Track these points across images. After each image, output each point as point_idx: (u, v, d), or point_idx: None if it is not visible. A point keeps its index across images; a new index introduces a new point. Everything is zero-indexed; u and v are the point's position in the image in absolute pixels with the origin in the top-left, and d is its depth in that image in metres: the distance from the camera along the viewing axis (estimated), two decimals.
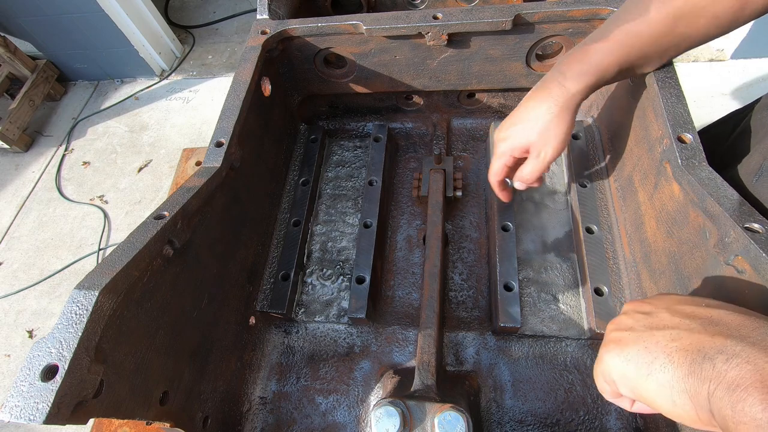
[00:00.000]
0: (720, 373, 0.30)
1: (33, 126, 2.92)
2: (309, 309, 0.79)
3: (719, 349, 0.31)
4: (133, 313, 0.47)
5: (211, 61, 3.04)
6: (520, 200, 0.85)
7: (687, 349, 0.34)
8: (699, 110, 0.67)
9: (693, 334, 0.34)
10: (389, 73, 0.86)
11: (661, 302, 0.41)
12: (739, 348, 0.31)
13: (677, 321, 0.37)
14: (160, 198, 2.50)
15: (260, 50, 0.76)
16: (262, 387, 0.75)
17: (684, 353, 0.34)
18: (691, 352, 0.33)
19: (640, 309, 0.41)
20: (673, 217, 0.58)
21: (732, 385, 0.29)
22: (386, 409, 0.51)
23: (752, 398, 0.28)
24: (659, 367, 0.35)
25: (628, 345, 0.38)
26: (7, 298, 2.30)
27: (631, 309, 0.43)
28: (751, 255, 0.42)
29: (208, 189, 0.60)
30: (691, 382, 0.32)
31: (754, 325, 0.32)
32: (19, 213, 2.61)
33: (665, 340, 0.36)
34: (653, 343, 0.36)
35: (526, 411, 0.68)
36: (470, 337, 0.73)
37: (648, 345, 0.36)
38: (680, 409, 0.33)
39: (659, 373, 0.34)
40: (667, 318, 0.38)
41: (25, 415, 0.36)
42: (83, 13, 2.58)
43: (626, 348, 0.38)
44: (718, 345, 0.32)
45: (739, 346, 0.31)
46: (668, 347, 0.35)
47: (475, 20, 0.73)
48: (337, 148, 0.99)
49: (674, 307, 0.39)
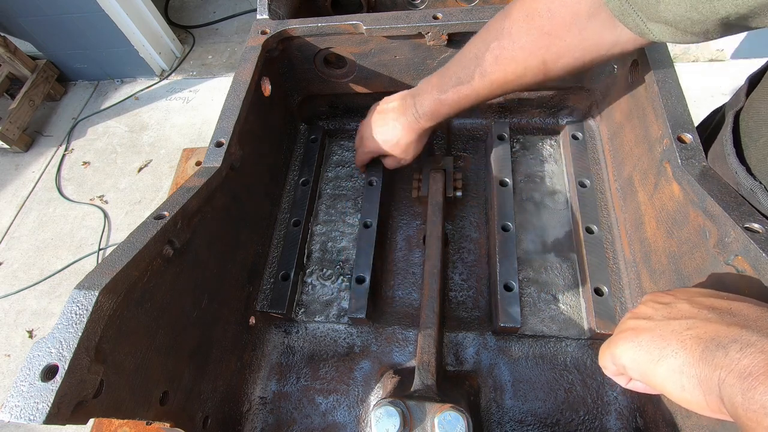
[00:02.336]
0: (732, 361, 0.30)
1: (33, 126, 2.92)
2: (309, 309, 0.79)
3: (734, 339, 0.32)
4: (133, 313, 0.47)
5: (211, 61, 3.04)
6: (520, 200, 0.85)
7: (701, 337, 0.34)
8: (699, 110, 0.68)
9: (709, 324, 0.34)
10: (389, 73, 0.86)
11: (682, 294, 0.41)
12: (755, 338, 0.31)
13: (695, 311, 0.37)
14: (160, 198, 2.50)
15: (260, 50, 0.76)
16: (262, 387, 0.75)
17: (697, 340, 0.34)
18: (705, 340, 0.33)
19: (660, 300, 0.42)
20: (673, 217, 0.58)
21: (744, 373, 0.29)
22: (386, 409, 0.51)
23: (764, 387, 0.28)
24: (671, 352, 0.35)
25: (643, 332, 0.38)
26: (7, 298, 2.30)
27: (650, 299, 0.43)
28: (751, 255, 0.43)
29: (208, 189, 0.60)
30: (702, 368, 0.32)
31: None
32: (19, 213, 2.62)
33: (681, 328, 0.36)
34: (669, 331, 0.36)
35: (526, 411, 0.68)
36: (470, 337, 0.73)
37: (663, 333, 0.37)
38: (688, 394, 0.34)
39: (670, 359, 0.35)
40: (685, 308, 0.38)
41: (25, 415, 0.36)
42: (83, 13, 2.59)
43: (640, 335, 0.38)
44: (733, 334, 0.32)
45: (755, 337, 0.31)
46: (682, 335, 0.35)
47: (475, 20, 0.73)
48: (337, 148, 0.99)
49: (694, 299, 0.39)
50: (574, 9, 0.51)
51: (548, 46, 0.55)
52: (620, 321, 0.46)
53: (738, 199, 0.48)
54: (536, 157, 0.90)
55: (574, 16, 0.51)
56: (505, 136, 0.87)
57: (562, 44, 0.54)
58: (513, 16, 0.57)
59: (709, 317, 0.35)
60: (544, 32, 0.54)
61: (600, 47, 0.53)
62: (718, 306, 0.36)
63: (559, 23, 0.52)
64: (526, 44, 0.56)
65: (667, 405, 0.59)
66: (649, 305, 0.42)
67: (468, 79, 0.64)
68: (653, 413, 0.62)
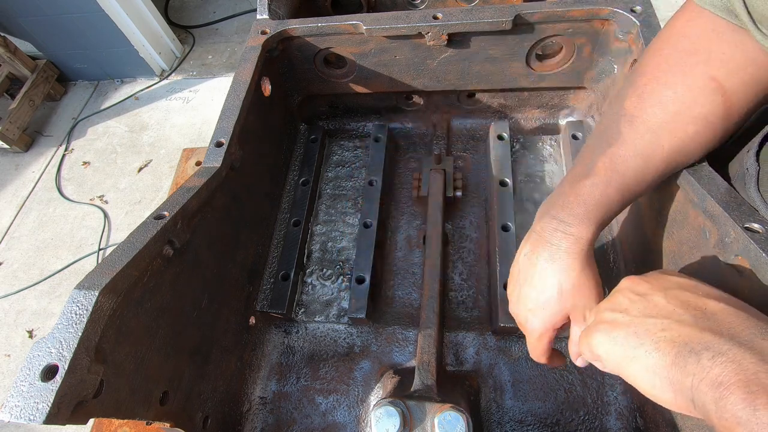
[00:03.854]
0: (704, 369, 0.31)
1: (33, 126, 2.92)
2: (309, 309, 0.79)
3: (706, 346, 0.32)
4: (133, 313, 0.47)
5: (211, 61, 3.04)
6: (520, 200, 0.85)
7: (674, 340, 0.34)
8: None
9: (683, 327, 0.35)
10: (389, 73, 0.86)
11: (658, 283, 0.41)
12: (726, 347, 0.31)
13: (670, 309, 0.37)
14: (160, 198, 2.50)
15: (260, 50, 0.76)
16: (262, 387, 0.75)
17: (671, 344, 0.34)
18: (678, 344, 0.34)
19: (636, 289, 0.41)
20: (673, 217, 0.58)
21: (716, 382, 0.30)
22: (386, 409, 0.51)
23: (734, 396, 0.28)
24: (644, 352, 0.36)
25: (619, 327, 0.39)
26: (7, 298, 2.30)
27: (627, 287, 0.43)
28: (751, 255, 0.42)
29: (208, 189, 0.60)
30: (674, 372, 0.33)
31: (745, 324, 0.33)
32: (19, 213, 2.61)
33: (655, 328, 0.36)
34: (643, 330, 0.37)
35: (526, 411, 0.68)
36: (470, 337, 0.73)
37: (638, 330, 0.37)
38: (659, 392, 0.35)
39: (644, 358, 0.35)
40: (661, 304, 0.38)
41: (25, 415, 0.36)
42: (83, 13, 2.58)
43: (615, 329, 0.39)
44: (705, 341, 0.32)
45: (726, 345, 0.31)
46: (656, 336, 0.36)
47: (475, 20, 0.73)
48: (337, 148, 0.99)
49: (671, 292, 0.39)
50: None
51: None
52: (597, 306, 0.46)
53: (738, 199, 0.48)
54: (536, 157, 0.91)
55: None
56: (505, 136, 0.87)
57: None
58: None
59: (683, 319, 0.35)
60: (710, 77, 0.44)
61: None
62: (693, 304, 0.36)
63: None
64: (679, 63, 0.47)
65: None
66: (625, 294, 0.42)
67: (615, 136, 0.49)
68: (653, 413, 0.62)
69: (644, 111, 0.47)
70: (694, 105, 0.45)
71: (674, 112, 0.46)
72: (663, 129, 0.47)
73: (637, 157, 0.48)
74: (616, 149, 0.48)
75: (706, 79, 0.45)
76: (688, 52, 0.46)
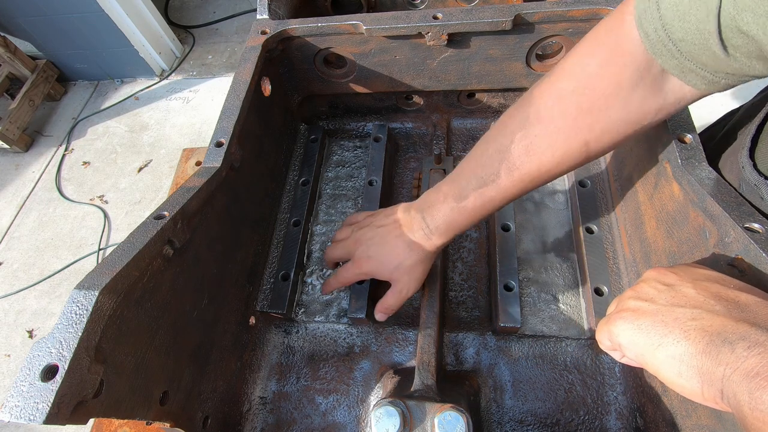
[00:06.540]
0: (739, 359, 0.30)
1: (33, 126, 2.92)
2: (309, 309, 0.79)
3: (742, 336, 0.31)
4: (133, 313, 0.47)
5: (211, 61, 3.04)
6: (520, 200, 0.85)
7: (706, 329, 0.33)
8: (699, 110, 0.67)
9: (716, 317, 0.34)
10: (389, 73, 0.86)
11: (687, 274, 0.40)
12: (764, 338, 0.31)
13: (701, 300, 0.36)
14: (160, 198, 2.50)
15: (260, 50, 0.76)
16: (262, 387, 0.75)
17: (702, 332, 0.33)
18: (710, 333, 0.33)
19: (663, 279, 0.41)
20: (673, 217, 0.58)
21: (751, 372, 0.29)
22: (386, 409, 0.51)
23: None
24: (672, 340, 0.35)
25: (645, 315, 0.38)
26: (7, 298, 2.30)
27: (653, 277, 0.42)
28: (751, 255, 0.43)
29: (208, 189, 0.60)
30: (704, 360, 0.32)
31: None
32: (19, 213, 2.62)
33: (685, 317, 0.35)
34: (671, 319, 0.36)
35: (526, 411, 0.68)
36: (470, 337, 0.73)
37: (666, 319, 0.36)
38: (685, 381, 0.34)
39: (671, 346, 0.35)
40: (691, 294, 0.37)
41: (25, 415, 0.36)
42: (83, 13, 2.59)
43: (641, 317, 0.38)
44: (741, 331, 0.32)
45: (764, 336, 0.31)
46: (686, 324, 0.35)
47: (475, 20, 0.73)
48: (337, 148, 0.99)
49: (700, 283, 0.38)
50: (616, 79, 0.46)
51: (591, 124, 0.48)
52: (620, 296, 0.45)
53: (738, 198, 0.48)
54: None
55: (616, 87, 0.46)
56: None
57: (606, 120, 0.48)
58: (537, 102, 0.51)
59: (716, 309, 0.35)
60: (584, 110, 0.48)
61: (645, 116, 0.48)
62: (725, 296, 0.36)
63: (600, 97, 0.47)
64: (563, 127, 0.50)
65: (667, 405, 0.59)
66: (651, 284, 0.41)
67: (492, 178, 0.55)
68: (653, 413, 0.62)
69: (525, 165, 0.53)
70: (565, 163, 0.52)
71: (546, 171, 0.53)
72: (535, 182, 0.55)
73: (504, 201, 0.57)
74: (489, 192, 0.56)
75: (581, 144, 0.50)
76: (585, 110, 0.49)
